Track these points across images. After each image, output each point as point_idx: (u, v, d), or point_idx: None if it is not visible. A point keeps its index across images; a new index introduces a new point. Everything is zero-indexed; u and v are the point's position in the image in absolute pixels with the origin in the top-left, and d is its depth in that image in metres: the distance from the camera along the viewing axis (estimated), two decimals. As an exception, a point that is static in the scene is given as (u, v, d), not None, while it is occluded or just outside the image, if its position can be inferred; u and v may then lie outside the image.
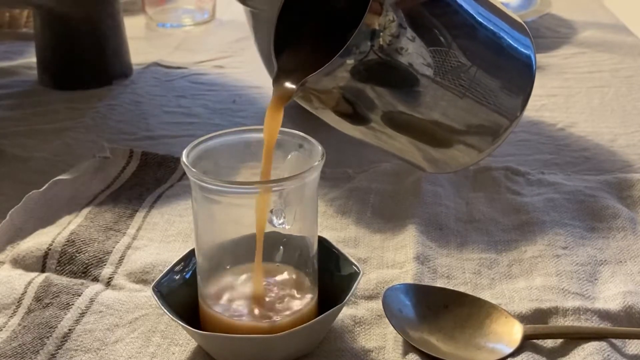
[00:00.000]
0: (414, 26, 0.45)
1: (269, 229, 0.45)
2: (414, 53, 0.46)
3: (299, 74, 0.47)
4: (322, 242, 0.49)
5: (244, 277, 0.47)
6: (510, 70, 0.51)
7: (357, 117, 0.49)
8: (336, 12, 0.51)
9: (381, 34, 0.44)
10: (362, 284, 0.52)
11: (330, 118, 0.51)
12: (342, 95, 0.47)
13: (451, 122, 0.49)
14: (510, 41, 0.51)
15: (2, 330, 0.48)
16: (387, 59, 0.45)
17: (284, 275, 0.47)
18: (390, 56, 0.45)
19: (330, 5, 0.52)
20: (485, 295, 0.51)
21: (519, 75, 0.51)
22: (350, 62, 0.45)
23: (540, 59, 0.95)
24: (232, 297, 0.46)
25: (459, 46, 0.47)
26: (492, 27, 0.50)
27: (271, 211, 0.44)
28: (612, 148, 0.73)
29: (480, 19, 0.49)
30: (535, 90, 0.86)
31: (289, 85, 0.48)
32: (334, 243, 0.50)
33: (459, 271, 0.54)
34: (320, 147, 0.46)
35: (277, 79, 0.49)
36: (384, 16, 0.44)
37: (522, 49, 0.51)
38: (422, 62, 0.46)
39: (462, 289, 0.51)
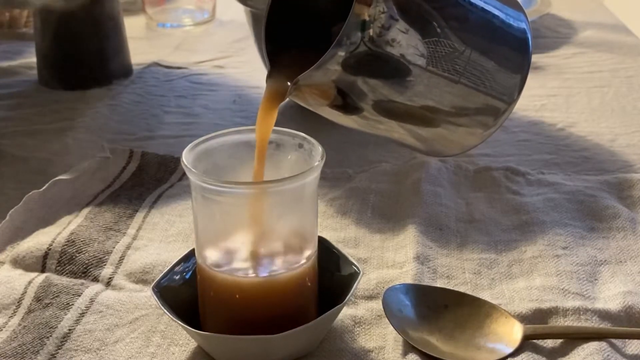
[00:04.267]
0: (405, 16, 0.45)
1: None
2: (405, 44, 0.45)
3: (292, 72, 0.47)
4: (322, 242, 0.49)
5: (242, 240, 0.47)
6: (505, 51, 0.50)
7: (353, 109, 0.49)
8: (329, 11, 0.51)
9: (371, 25, 0.44)
10: (362, 284, 0.52)
11: (326, 112, 0.50)
12: (336, 90, 0.47)
13: (449, 108, 0.49)
14: (504, 19, 0.50)
15: (2, 330, 0.48)
16: (379, 51, 0.45)
17: (282, 235, 0.47)
18: (381, 48, 0.45)
19: (322, 3, 0.52)
20: (485, 295, 0.51)
21: (515, 55, 0.51)
22: (341, 54, 0.45)
23: (540, 59, 0.95)
24: (230, 255, 0.46)
25: (452, 32, 0.47)
26: (484, 6, 0.49)
27: None
28: (612, 148, 0.73)
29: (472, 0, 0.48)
30: (535, 90, 0.87)
31: (281, 83, 0.48)
32: (334, 243, 0.50)
33: (459, 271, 0.54)
34: (320, 147, 0.45)
35: (270, 78, 0.48)
36: (373, 7, 0.44)
37: (517, 26, 0.50)
38: (415, 52, 0.46)
39: (462, 289, 0.51)
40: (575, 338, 0.47)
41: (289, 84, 0.47)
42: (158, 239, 0.58)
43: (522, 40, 0.51)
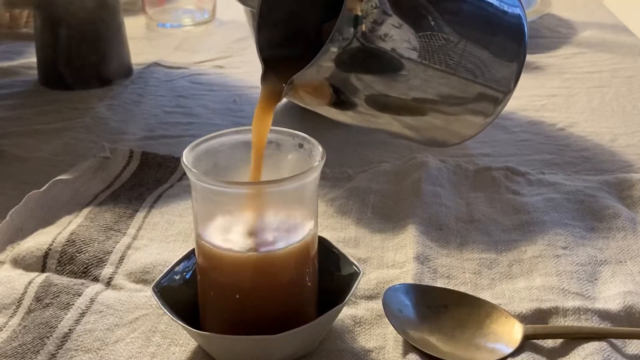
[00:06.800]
0: (398, 10, 0.45)
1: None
2: (399, 38, 0.45)
3: (286, 72, 0.47)
4: (322, 242, 0.49)
5: (242, 239, 0.46)
6: (501, 39, 0.50)
7: (351, 106, 0.49)
8: (323, 9, 0.51)
9: (364, 20, 0.44)
10: (362, 284, 0.52)
11: (324, 110, 0.50)
12: (331, 88, 0.47)
13: (446, 100, 0.49)
14: (498, 5, 0.49)
15: (2, 330, 0.48)
16: (372, 46, 0.45)
17: (282, 234, 0.46)
18: (374, 43, 0.45)
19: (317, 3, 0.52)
20: (485, 295, 0.51)
21: (511, 43, 0.50)
22: (334, 50, 0.44)
23: (540, 59, 0.95)
24: (229, 230, 0.46)
25: (446, 25, 0.47)
26: None
27: None
28: (612, 148, 0.73)
29: None
30: (535, 90, 0.87)
31: (276, 84, 0.47)
32: (334, 243, 0.50)
33: (459, 271, 0.54)
34: (320, 147, 0.45)
35: (265, 79, 0.48)
36: (366, 2, 0.44)
37: (512, 12, 0.50)
38: (409, 47, 0.46)
39: (462, 289, 0.51)
40: (575, 338, 0.47)
41: (283, 85, 0.47)
42: (158, 239, 0.58)
43: (518, 27, 0.51)
